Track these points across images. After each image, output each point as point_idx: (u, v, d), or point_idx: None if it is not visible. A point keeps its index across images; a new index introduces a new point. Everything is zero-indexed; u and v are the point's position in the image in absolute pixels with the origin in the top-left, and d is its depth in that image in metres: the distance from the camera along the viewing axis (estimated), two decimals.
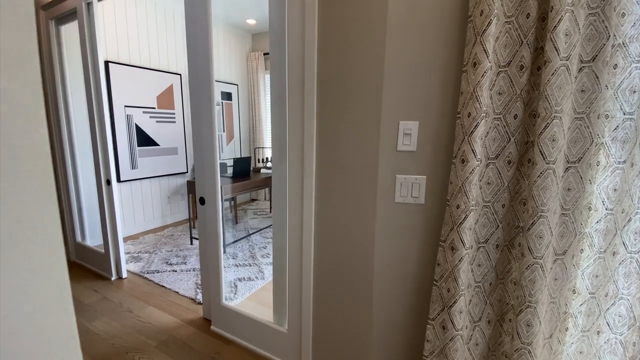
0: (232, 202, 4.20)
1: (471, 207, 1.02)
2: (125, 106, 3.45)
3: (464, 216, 1.02)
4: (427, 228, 1.18)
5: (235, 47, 4.75)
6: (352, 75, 1.18)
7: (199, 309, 2.19)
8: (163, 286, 2.49)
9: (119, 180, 3.46)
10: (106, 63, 3.23)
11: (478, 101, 0.97)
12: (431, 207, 1.16)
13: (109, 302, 2.26)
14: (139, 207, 3.73)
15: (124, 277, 2.63)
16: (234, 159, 3.35)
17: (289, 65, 1.32)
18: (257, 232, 3.76)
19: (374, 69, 1.13)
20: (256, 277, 2.63)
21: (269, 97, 4.92)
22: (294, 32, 1.28)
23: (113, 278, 2.59)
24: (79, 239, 2.90)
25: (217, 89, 4.52)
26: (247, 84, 5.08)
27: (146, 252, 3.15)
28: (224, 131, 4.72)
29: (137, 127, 3.58)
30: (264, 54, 4.87)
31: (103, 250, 2.62)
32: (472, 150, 0.99)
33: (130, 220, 3.65)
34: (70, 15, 2.37)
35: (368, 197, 1.23)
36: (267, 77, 5.00)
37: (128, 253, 3.12)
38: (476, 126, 0.98)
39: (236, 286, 2.49)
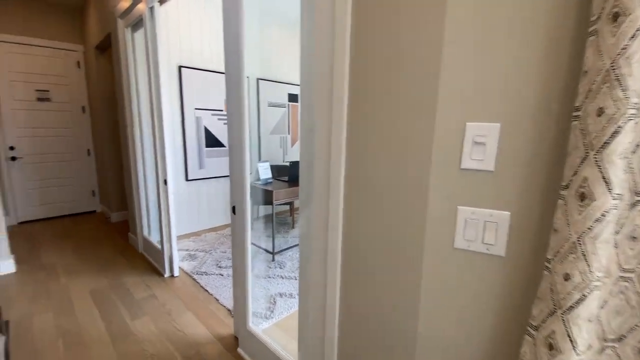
0: (290, 206, 4.08)
1: (595, 281, 0.56)
2: (195, 109, 3.61)
3: (578, 296, 0.56)
4: (508, 297, 0.74)
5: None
6: (392, 55, 0.81)
7: (232, 324, 2.04)
8: (207, 291, 2.45)
9: (186, 179, 3.64)
10: (179, 68, 3.41)
11: (621, 85, 0.51)
12: (517, 263, 0.72)
13: (155, 301, 2.29)
14: (204, 205, 3.87)
15: (175, 275, 2.68)
16: (289, 162, 3.18)
17: (315, 51, 1.02)
18: None
19: (425, 40, 0.75)
20: (298, 295, 2.39)
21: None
22: (322, 9, 0.97)
23: (166, 275, 2.67)
24: (145, 233, 3.10)
25: (284, 91, 4.47)
26: None
27: (202, 251, 3.22)
28: (288, 133, 4.66)
29: (206, 129, 3.72)
30: None
31: (160, 247, 2.72)
32: (603, 177, 0.53)
33: (195, 218, 3.82)
34: (140, 22, 2.49)
35: (409, 236, 0.84)
36: None
37: (187, 250, 3.23)
38: (615, 133, 0.52)
39: (275, 302, 2.28)
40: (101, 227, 3.93)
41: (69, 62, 4.11)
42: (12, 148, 3.81)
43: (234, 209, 1.69)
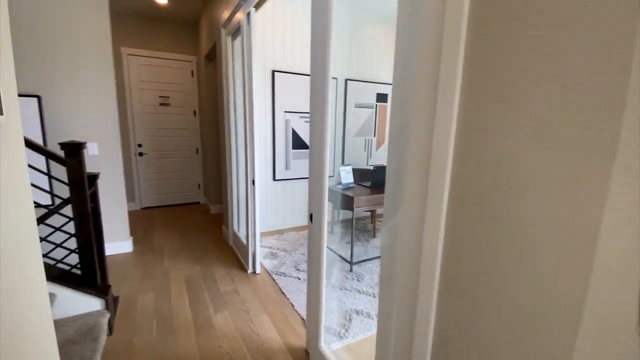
0: (372, 213, 3.85)
1: None
2: (285, 111, 3.70)
3: None
4: None
5: (387, 42, 4.34)
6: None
7: (304, 335, 1.95)
8: (283, 293, 2.43)
9: (274, 178, 3.78)
10: (273, 72, 3.54)
11: None
12: None
13: (236, 296, 2.38)
14: (289, 205, 3.96)
15: (257, 272, 2.76)
16: (373, 167, 2.97)
17: (416, 44, 0.80)
18: None
19: None
20: (375, 316, 2.16)
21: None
22: None
23: (249, 271, 2.77)
24: (235, 227, 3.31)
25: (372, 91, 4.27)
26: None
27: (284, 250, 3.27)
28: (374, 135, 4.43)
29: (293, 132, 3.79)
30: None
31: (246, 242, 2.84)
32: None
33: (280, 216, 3.93)
34: (239, 30, 2.62)
35: (564, 297, 0.56)
36: None
37: (269, 248, 3.32)
38: None
39: (350, 319, 2.11)
40: (202, 217, 4.40)
41: (185, 71, 4.72)
42: (139, 145, 4.57)
43: (311, 217, 1.58)
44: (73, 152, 1.79)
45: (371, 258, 3.10)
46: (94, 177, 2.11)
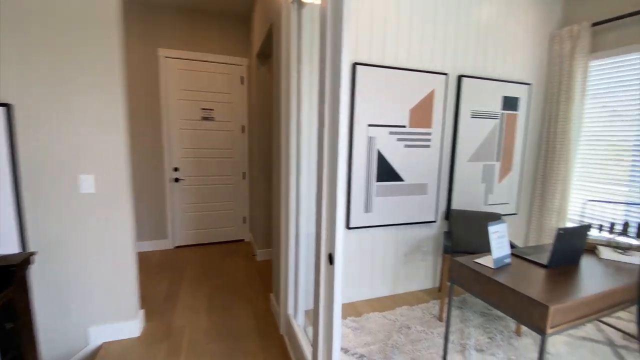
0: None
1: None
2: (369, 125, 2.43)
3: None
4: None
5: (528, 26, 2.87)
6: None
7: None
8: None
9: (347, 226, 2.50)
10: (353, 65, 2.31)
11: None
12: None
13: None
14: (367, 266, 2.63)
15: None
16: (558, 231, 1.52)
17: None
18: None
19: None
20: None
21: (590, 101, 2.67)
22: None
23: None
24: (290, 310, 2.06)
25: (497, 94, 2.82)
26: (544, 82, 3.05)
27: (370, 351, 1.91)
28: (497, 160, 2.94)
29: (379, 155, 2.50)
30: (593, 25, 2.67)
31: (309, 344, 1.56)
32: None
33: (355, 286, 2.61)
34: None
35: None
36: (597, 63, 2.74)
37: (344, 349, 2.00)
38: None
39: None
40: (245, 266, 3.26)
41: (233, 77, 3.75)
42: (176, 169, 3.64)
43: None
44: None
45: None
46: (11, 271, 1.02)
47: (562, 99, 2.86)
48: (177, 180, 3.65)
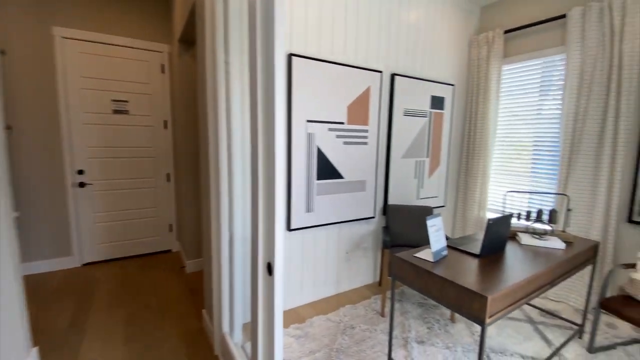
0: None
1: None
2: (308, 121, 2.32)
3: None
4: None
5: (451, 30, 3.08)
6: None
7: None
8: None
9: (288, 228, 2.35)
10: (289, 56, 2.17)
11: None
12: None
13: None
14: (309, 268, 2.53)
15: None
16: (488, 222, 1.60)
17: None
18: None
19: None
20: None
21: (503, 102, 2.97)
22: None
23: None
24: (225, 329, 1.84)
25: (426, 93, 2.96)
26: (465, 84, 3.31)
27: (313, 356, 1.81)
28: (427, 156, 3.10)
29: (319, 152, 2.41)
30: (505, 32, 2.97)
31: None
32: None
33: (297, 290, 2.49)
34: None
35: None
36: (508, 67, 3.05)
37: None
38: None
39: None
40: (173, 282, 2.88)
41: (152, 65, 3.29)
42: (80, 172, 3.06)
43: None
44: None
45: None
46: None
47: (480, 99, 3.14)
48: (82, 185, 3.06)
